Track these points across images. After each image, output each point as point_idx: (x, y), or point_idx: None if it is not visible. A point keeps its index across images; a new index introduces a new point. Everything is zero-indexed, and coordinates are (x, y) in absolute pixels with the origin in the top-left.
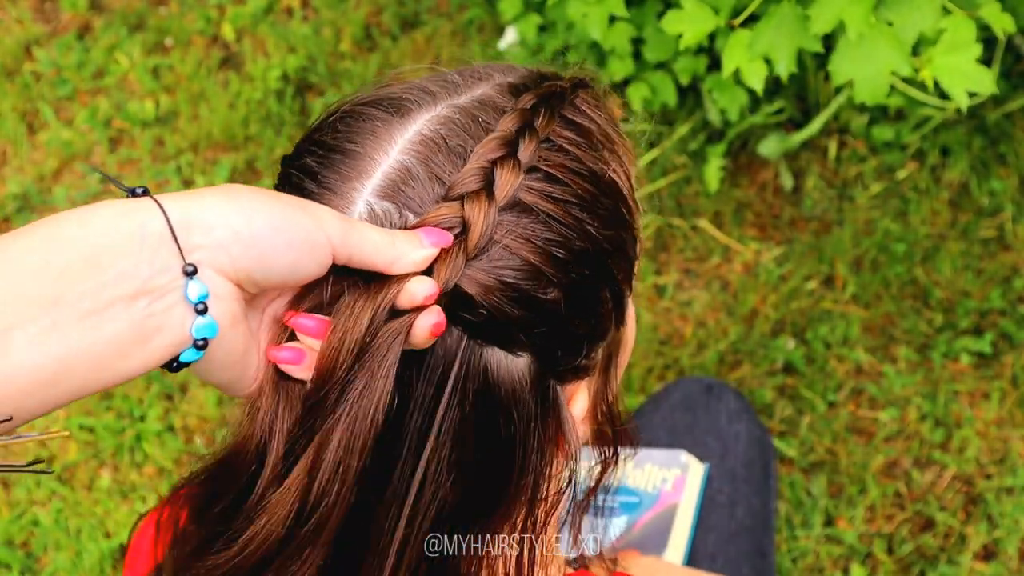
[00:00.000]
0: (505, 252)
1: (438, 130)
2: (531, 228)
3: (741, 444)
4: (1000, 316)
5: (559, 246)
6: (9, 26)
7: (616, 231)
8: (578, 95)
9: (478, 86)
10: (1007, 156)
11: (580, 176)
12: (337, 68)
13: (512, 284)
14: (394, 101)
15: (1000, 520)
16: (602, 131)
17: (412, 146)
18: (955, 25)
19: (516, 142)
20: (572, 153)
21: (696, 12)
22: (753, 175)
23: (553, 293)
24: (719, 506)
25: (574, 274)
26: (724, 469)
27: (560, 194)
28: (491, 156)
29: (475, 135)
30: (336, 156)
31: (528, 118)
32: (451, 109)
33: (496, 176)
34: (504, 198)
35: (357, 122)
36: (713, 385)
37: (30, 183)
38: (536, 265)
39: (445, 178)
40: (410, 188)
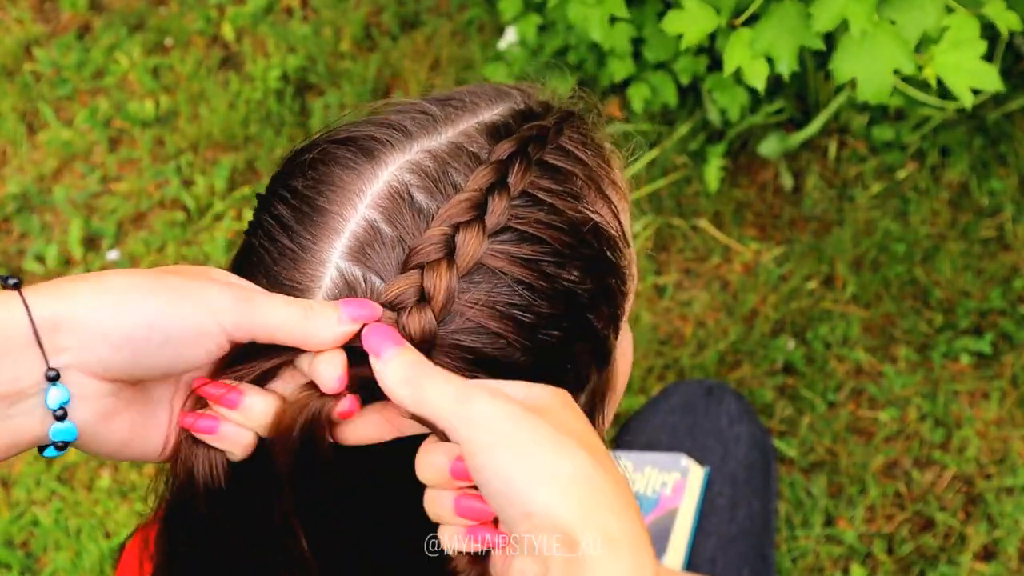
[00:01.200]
0: (466, 322)
1: (407, 182)
2: (494, 295)
3: (742, 447)
4: (1000, 316)
5: (526, 311)
6: (9, 26)
7: (598, 279)
8: (563, 134)
9: (458, 121)
10: (1007, 156)
11: (556, 229)
12: (337, 68)
13: (472, 349)
14: (365, 143)
15: (1000, 520)
16: (587, 172)
17: (380, 201)
18: (958, 23)
19: (485, 203)
20: (549, 205)
21: (697, 12)
22: (753, 175)
23: (518, 356)
24: (719, 509)
25: (543, 336)
26: (724, 472)
27: (531, 254)
28: (455, 220)
29: (444, 190)
30: (307, 210)
31: (501, 173)
32: (423, 154)
33: (458, 242)
34: (466, 267)
35: (328, 169)
36: (714, 387)
37: (30, 183)
38: (499, 332)
39: (409, 240)
40: (376, 253)
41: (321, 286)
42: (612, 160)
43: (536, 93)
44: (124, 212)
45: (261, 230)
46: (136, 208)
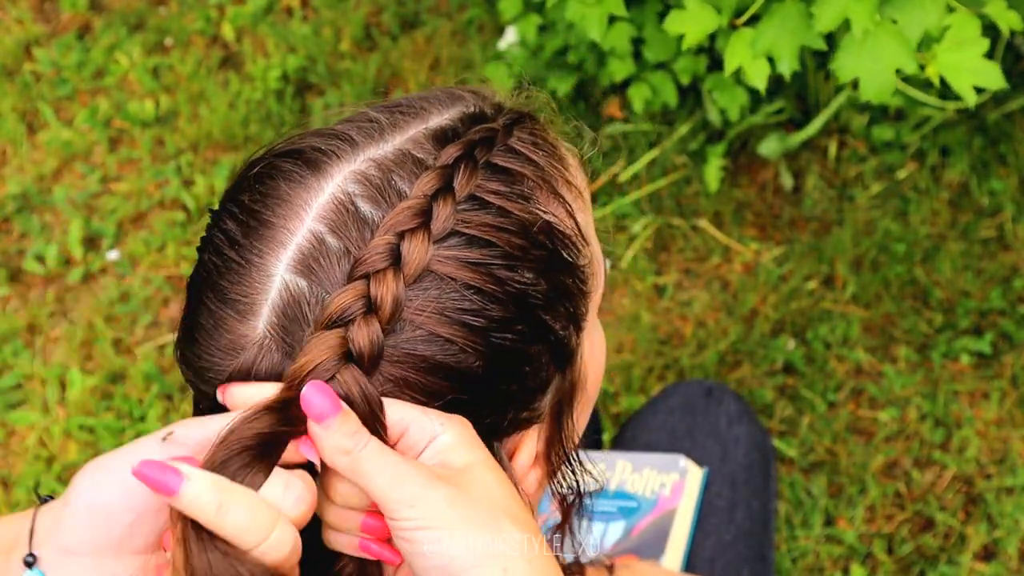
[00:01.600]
0: (416, 329)
1: (352, 192)
2: (442, 301)
3: (741, 448)
4: (1000, 316)
5: (476, 315)
6: (9, 26)
7: (552, 279)
8: (513, 135)
9: (406, 128)
10: (1007, 156)
11: (506, 232)
12: (337, 68)
13: (424, 357)
14: (310, 155)
15: (1000, 520)
16: (539, 172)
17: (325, 212)
18: (960, 22)
19: (430, 209)
20: (497, 207)
21: (698, 12)
22: (753, 175)
23: (472, 361)
24: (718, 510)
25: (496, 339)
26: (724, 473)
27: (480, 257)
28: (400, 228)
29: (389, 199)
30: (253, 223)
31: (446, 178)
32: (368, 163)
33: (404, 250)
34: (413, 275)
35: (274, 183)
36: (713, 388)
37: (30, 183)
38: (450, 338)
39: (354, 251)
40: (321, 266)
41: (268, 299)
42: (567, 159)
43: (490, 95)
44: (124, 212)
45: (211, 245)
46: (136, 208)
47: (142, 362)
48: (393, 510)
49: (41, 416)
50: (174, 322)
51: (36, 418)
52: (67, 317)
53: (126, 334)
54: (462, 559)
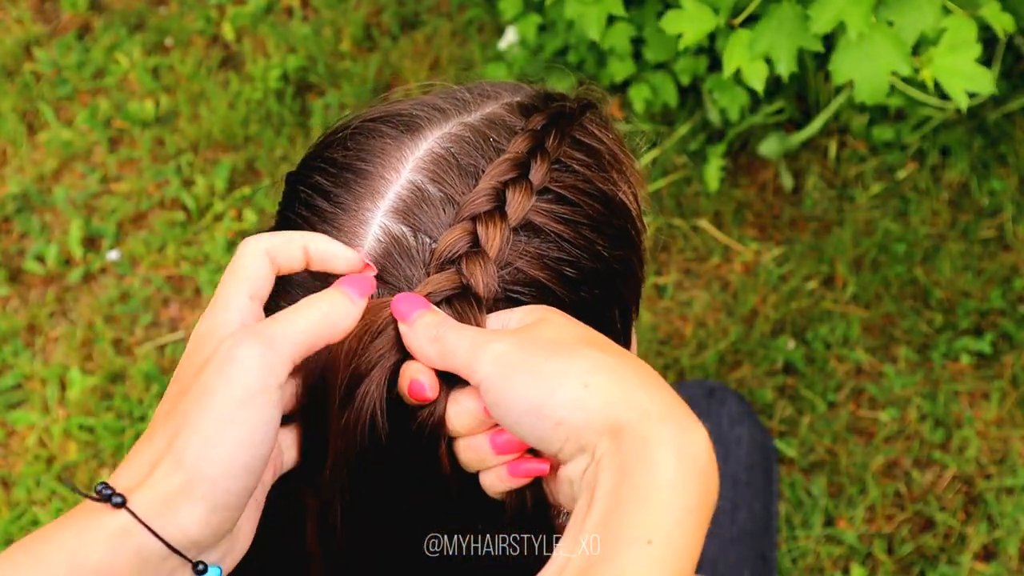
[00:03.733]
0: (517, 273)
1: (449, 148)
2: (542, 248)
3: (743, 448)
4: (1000, 316)
5: (570, 265)
6: (9, 26)
7: (625, 252)
8: (586, 116)
9: (487, 104)
10: (1007, 156)
11: (591, 197)
12: (337, 68)
13: (526, 301)
14: (404, 118)
15: (1000, 520)
16: (611, 152)
17: (423, 164)
18: (956, 25)
19: (528, 163)
20: (583, 174)
21: (696, 12)
22: (753, 175)
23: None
24: (720, 511)
25: (584, 293)
26: (725, 473)
27: (571, 215)
28: (503, 177)
29: (486, 154)
30: (347, 175)
31: (539, 139)
32: (461, 127)
33: (508, 197)
34: (516, 219)
35: (368, 139)
36: (715, 389)
37: (30, 183)
38: (547, 284)
39: (457, 198)
40: (422, 210)
41: (364, 245)
42: (627, 149)
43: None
44: (124, 212)
45: (298, 201)
46: (136, 208)
47: (142, 362)
48: (476, 371)
49: (41, 416)
50: (174, 322)
51: (36, 418)
52: (67, 317)
53: (126, 334)
54: (540, 390)
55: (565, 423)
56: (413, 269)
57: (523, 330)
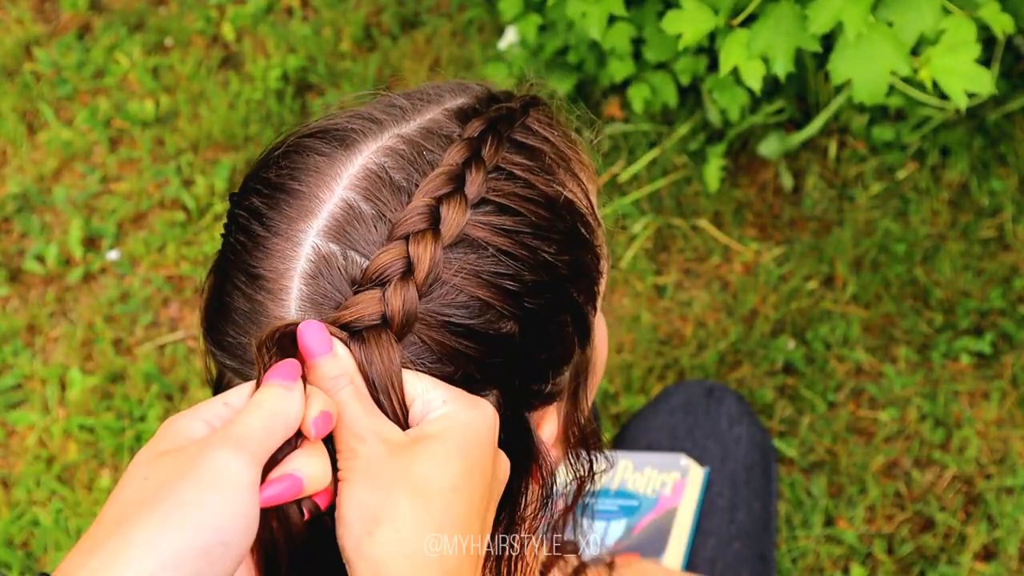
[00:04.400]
0: (453, 290)
1: (383, 163)
2: (479, 264)
3: (742, 448)
4: (1000, 316)
5: (511, 279)
6: (9, 26)
7: (574, 254)
8: (529, 115)
9: (425, 111)
10: (1007, 156)
11: (533, 203)
12: (337, 68)
13: (460, 323)
14: (338, 133)
15: (1000, 520)
16: (556, 151)
17: (357, 181)
18: (955, 25)
19: (463, 175)
20: (523, 179)
21: (696, 12)
22: (753, 175)
23: (508, 326)
24: (719, 510)
25: (529, 304)
26: (725, 473)
27: (511, 225)
28: (437, 192)
29: (421, 168)
30: (281, 195)
31: (475, 148)
32: (396, 139)
33: (443, 213)
34: (451, 236)
35: (301, 157)
36: (714, 388)
37: (30, 183)
38: (486, 301)
39: (390, 215)
40: (354, 228)
41: (296, 267)
42: (577, 142)
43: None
44: (124, 212)
45: (235, 225)
46: (136, 208)
47: (142, 362)
48: (339, 451)
49: (41, 416)
50: (174, 322)
51: (36, 418)
52: (67, 317)
53: (126, 334)
54: (344, 510)
55: (343, 550)
56: (343, 289)
57: (396, 445)
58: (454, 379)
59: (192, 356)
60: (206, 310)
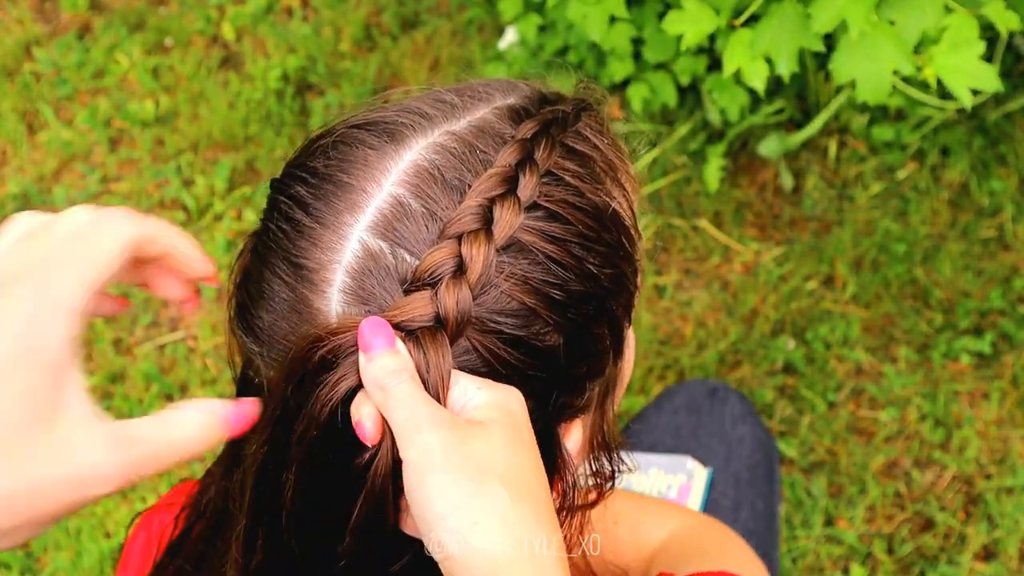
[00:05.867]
0: (502, 296)
1: (434, 160)
2: (529, 270)
3: (745, 447)
4: (1000, 316)
5: (557, 288)
6: (9, 26)
7: (617, 266)
8: (581, 120)
9: (476, 108)
10: (1007, 156)
11: (582, 211)
12: (337, 68)
13: (509, 332)
14: (388, 126)
15: (1000, 520)
16: (605, 159)
17: (407, 177)
18: (958, 23)
19: (516, 177)
20: (574, 187)
21: (697, 12)
22: (753, 175)
23: (552, 338)
24: (723, 509)
25: (572, 315)
26: (728, 473)
27: (561, 233)
28: (490, 193)
29: (473, 167)
30: (328, 187)
31: (529, 150)
32: (447, 136)
33: (495, 215)
34: (503, 239)
35: (349, 149)
36: (717, 388)
37: (30, 183)
38: (533, 308)
39: (440, 214)
40: (404, 225)
41: (342, 261)
42: (624, 152)
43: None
44: None
45: (277, 212)
46: (136, 208)
47: (142, 362)
48: (403, 449)
49: None
50: (174, 322)
51: None
52: None
53: (126, 334)
54: (433, 503)
55: (444, 546)
56: (390, 286)
57: (462, 430)
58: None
59: (192, 356)
60: (237, 292)
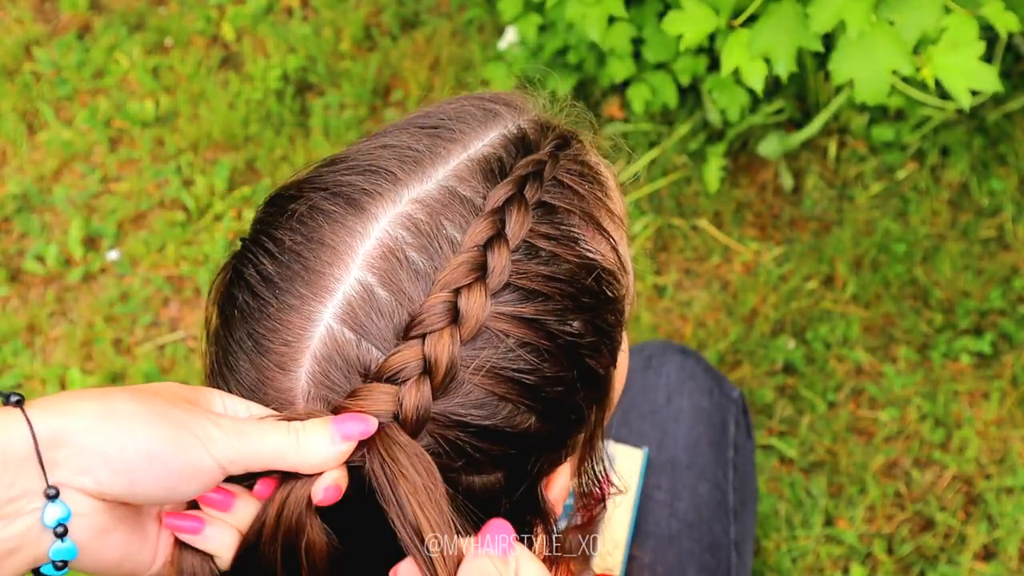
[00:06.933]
0: (471, 388)
1: (400, 238)
2: (498, 360)
3: (682, 424)
4: (1000, 316)
5: (531, 373)
6: (9, 26)
7: (599, 323)
8: (560, 162)
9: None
10: (1007, 156)
11: (559, 281)
12: (337, 68)
13: (475, 423)
14: (353, 194)
15: (1000, 520)
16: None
17: (373, 261)
18: (957, 23)
19: (485, 262)
20: (550, 254)
21: (697, 12)
22: (753, 175)
23: (523, 419)
24: (658, 504)
25: (547, 394)
26: (662, 460)
27: (534, 313)
28: (457, 284)
29: (440, 249)
30: (295, 267)
31: (499, 225)
32: (414, 206)
33: (462, 307)
34: (470, 333)
35: (316, 222)
36: (654, 355)
37: (30, 183)
38: (505, 397)
39: (406, 305)
40: (371, 319)
41: (309, 346)
42: (608, 184)
43: (526, 108)
44: (124, 212)
45: (245, 283)
46: (136, 208)
47: (142, 362)
48: None
49: None
50: (174, 322)
51: None
52: (67, 317)
53: (126, 334)
54: None
55: None
56: (354, 380)
57: None
58: (459, 467)
59: (192, 356)
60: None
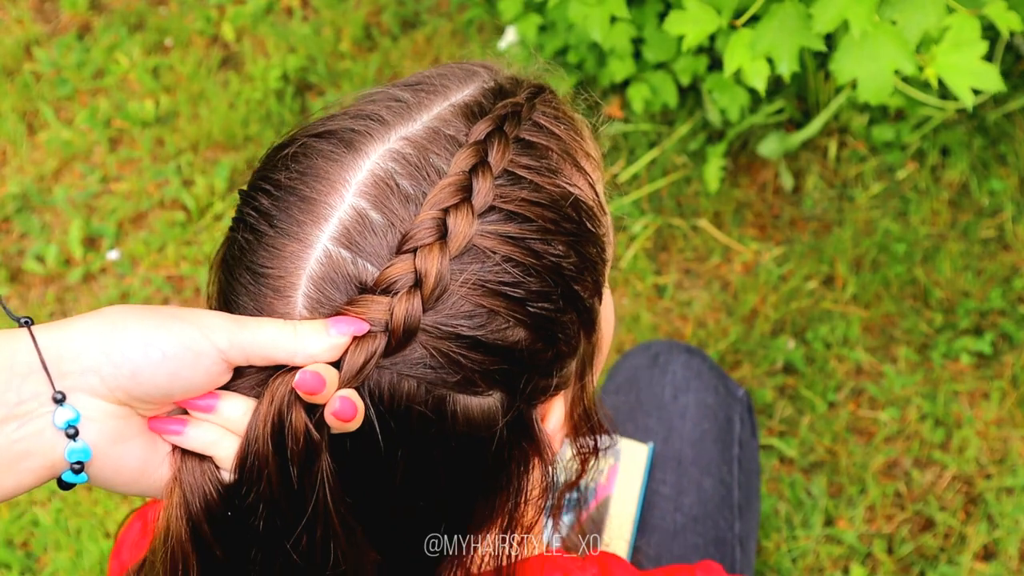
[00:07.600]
0: (460, 301)
1: (391, 169)
2: (485, 274)
3: (688, 420)
4: (1000, 316)
5: (517, 287)
6: (9, 26)
7: (581, 251)
8: (536, 108)
9: (431, 105)
10: (1007, 156)
11: (540, 206)
12: (337, 68)
13: (467, 334)
14: (345, 135)
15: (1000, 520)
16: (562, 145)
17: (366, 188)
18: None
19: (470, 185)
20: (531, 182)
21: (698, 12)
22: (753, 175)
23: (514, 333)
24: (663, 499)
25: (534, 309)
26: (668, 455)
27: (518, 232)
28: (444, 204)
29: (428, 176)
30: (292, 199)
31: (482, 153)
32: (402, 142)
33: (450, 225)
34: (458, 248)
35: (310, 161)
36: (661, 352)
37: (30, 183)
38: (492, 309)
39: (399, 225)
40: (365, 238)
41: (306, 269)
42: (583, 131)
43: (502, 69)
44: (124, 212)
45: (243, 224)
46: (136, 208)
47: None
48: None
49: None
50: None
51: None
52: (67, 317)
53: None
54: None
55: None
56: (350, 293)
57: None
58: (455, 384)
59: None
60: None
